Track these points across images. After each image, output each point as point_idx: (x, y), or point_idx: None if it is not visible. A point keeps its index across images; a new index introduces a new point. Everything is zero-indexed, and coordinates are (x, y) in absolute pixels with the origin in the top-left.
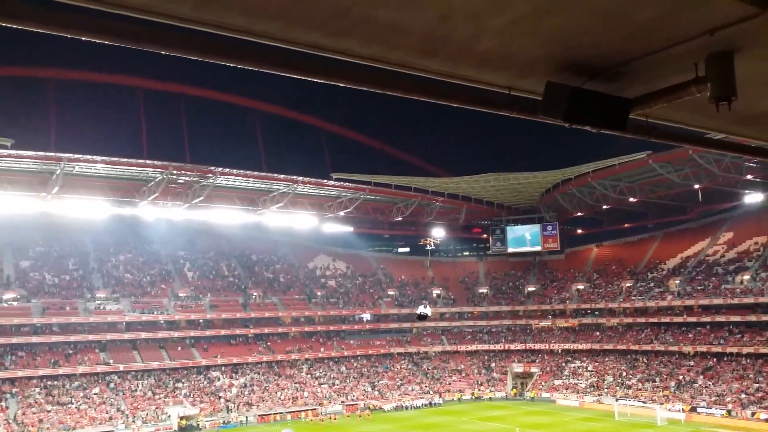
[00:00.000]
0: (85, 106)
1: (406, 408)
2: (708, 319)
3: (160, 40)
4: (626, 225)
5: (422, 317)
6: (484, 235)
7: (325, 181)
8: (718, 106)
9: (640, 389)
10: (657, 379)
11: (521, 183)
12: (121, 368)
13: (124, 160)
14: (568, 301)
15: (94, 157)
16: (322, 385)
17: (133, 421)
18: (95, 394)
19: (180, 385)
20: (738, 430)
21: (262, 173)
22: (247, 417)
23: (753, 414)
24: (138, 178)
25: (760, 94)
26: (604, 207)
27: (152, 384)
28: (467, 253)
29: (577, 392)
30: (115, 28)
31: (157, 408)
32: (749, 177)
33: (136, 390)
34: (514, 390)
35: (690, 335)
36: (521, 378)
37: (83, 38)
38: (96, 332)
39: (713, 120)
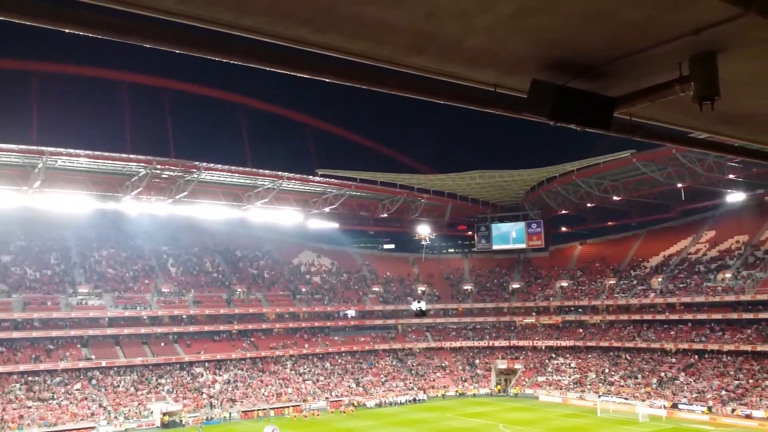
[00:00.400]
0: (69, 100)
1: (390, 404)
2: (690, 316)
3: (149, 34)
4: (610, 223)
5: (421, 313)
6: (470, 233)
7: (310, 177)
8: (702, 105)
9: (622, 386)
10: (639, 376)
11: (506, 180)
12: (104, 364)
13: (108, 154)
14: (551, 299)
15: (77, 151)
16: (306, 382)
17: (116, 417)
18: (77, 389)
19: (163, 381)
20: (718, 426)
21: (247, 169)
22: (230, 413)
23: (733, 410)
24: (121, 172)
25: (742, 94)
26: (589, 205)
27: (135, 380)
28: (452, 250)
29: (560, 389)
30: (103, 22)
31: (139, 404)
32: (731, 176)
33: (118, 386)
34: (498, 386)
35: (672, 332)
36: (505, 374)
37: (67, 30)
38: (78, 327)
39: (696, 119)
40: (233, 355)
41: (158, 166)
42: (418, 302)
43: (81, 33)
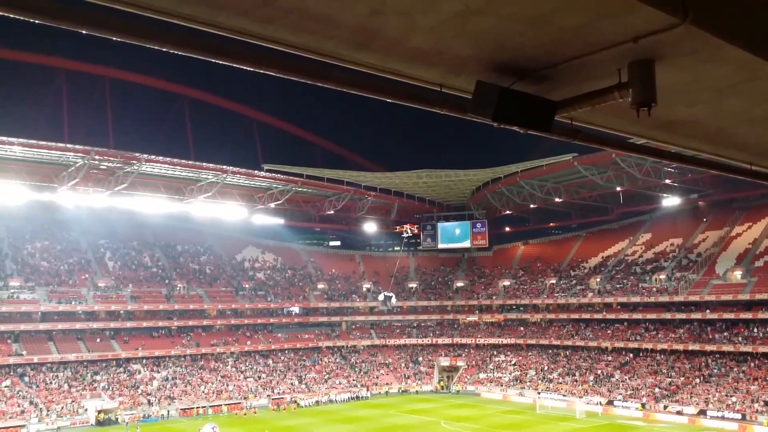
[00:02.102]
0: (2, 86)
1: (330, 402)
2: (625, 316)
3: (84, 20)
4: (551, 224)
5: (387, 300)
6: (415, 231)
7: (255, 171)
8: (639, 111)
9: (560, 383)
10: (577, 374)
11: (453, 180)
12: (36, 360)
13: (43, 143)
14: (494, 297)
15: (11, 139)
16: (248, 379)
17: (48, 415)
18: (6, 386)
19: (98, 377)
20: (651, 422)
21: (190, 162)
22: (168, 411)
23: (665, 407)
24: (58, 162)
25: (677, 102)
26: (531, 206)
27: (69, 376)
28: (398, 248)
29: (501, 385)
30: (32, 4)
31: (73, 401)
32: (667, 181)
33: (51, 383)
34: (441, 383)
35: (609, 331)
36: (448, 371)
37: None
38: (8, 322)
39: (634, 125)
40: (172, 352)
41: (96, 157)
42: (388, 293)
43: (11, 16)
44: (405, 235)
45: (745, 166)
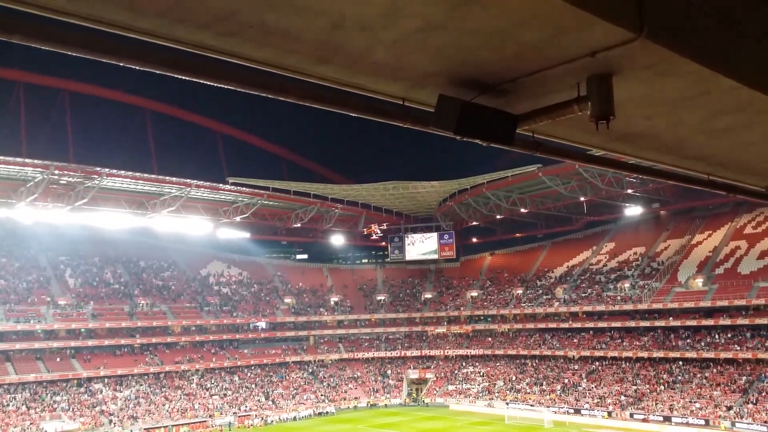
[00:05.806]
0: None
1: (283, 421)
2: (591, 324)
3: (34, 34)
4: (518, 234)
5: None
6: (383, 243)
7: (220, 185)
8: (598, 124)
9: (528, 393)
10: (544, 383)
11: (419, 192)
12: None
13: (1, 158)
14: (462, 308)
15: None
16: (213, 396)
17: None
18: None
19: (58, 398)
20: (618, 430)
21: (153, 176)
22: (131, 431)
23: (631, 415)
24: (16, 177)
25: (635, 115)
26: (498, 217)
27: (27, 398)
28: (366, 261)
29: (470, 397)
30: None
31: (32, 423)
32: (630, 191)
33: (8, 405)
34: (413, 395)
35: (575, 340)
36: (416, 384)
37: None
38: None
39: (594, 137)
40: (135, 370)
41: (56, 171)
42: None
43: None
44: (374, 236)
45: (702, 176)
